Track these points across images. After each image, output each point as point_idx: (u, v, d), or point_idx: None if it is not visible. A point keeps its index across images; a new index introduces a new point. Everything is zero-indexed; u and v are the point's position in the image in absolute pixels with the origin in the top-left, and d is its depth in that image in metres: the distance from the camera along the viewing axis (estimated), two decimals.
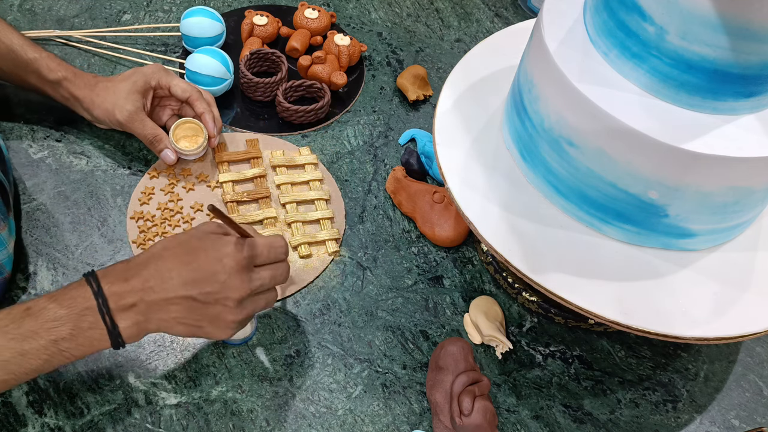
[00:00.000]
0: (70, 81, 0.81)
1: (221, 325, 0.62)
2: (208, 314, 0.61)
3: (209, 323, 0.62)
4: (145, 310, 0.59)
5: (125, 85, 0.81)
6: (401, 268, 0.81)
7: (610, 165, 0.61)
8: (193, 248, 0.61)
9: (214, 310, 0.61)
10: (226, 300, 0.61)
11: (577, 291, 0.63)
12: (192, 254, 0.61)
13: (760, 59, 0.56)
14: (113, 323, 0.58)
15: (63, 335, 0.57)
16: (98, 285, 0.58)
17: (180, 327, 0.61)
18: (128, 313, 0.59)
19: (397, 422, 0.70)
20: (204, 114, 0.83)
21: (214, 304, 0.61)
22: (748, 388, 0.77)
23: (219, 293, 0.60)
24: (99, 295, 0.58)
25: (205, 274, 0.60)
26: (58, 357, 0.58)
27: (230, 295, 0.61)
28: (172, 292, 0.59)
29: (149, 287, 0.59)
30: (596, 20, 0.63)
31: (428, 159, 0.89)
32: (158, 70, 0.83)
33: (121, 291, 0.59)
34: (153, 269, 0.60)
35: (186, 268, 0.60)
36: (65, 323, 0.57)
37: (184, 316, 0.61)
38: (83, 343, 0.58)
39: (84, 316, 0.57)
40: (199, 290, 0.60)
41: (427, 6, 1.13)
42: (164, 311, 0.60)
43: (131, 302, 0.59)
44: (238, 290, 0.61)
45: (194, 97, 0.83)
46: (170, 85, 0.83)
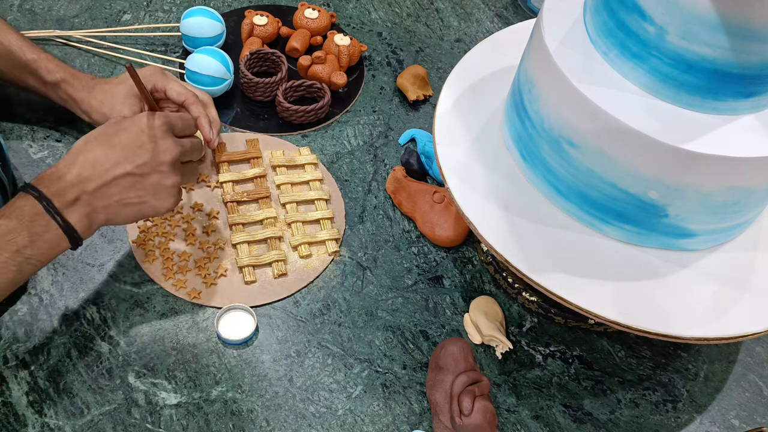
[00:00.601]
0: (69, 83, 0.82)
1: (162, 193, 0.66)
2: (147, 185, 0.65)
3: (152, 195, 0.66)
4: (89, 201, 0.63)
5: (122, 89, 0.81)
6: (401, 268, 0.81)
7: (610, 165, 0.61)
8: (113, 132, 0.65)
9: (152, 179, 0.65)
10: (160, 165, 0.65)
11: (577, 291, 0.63)
12: (114, 137, 0.65)
13: (760, 59, 0.56)
14: (64, 220, 0.62)
15: (23, 243, 0.60)
16: (37, 190, 0.61)
17: (126, 210, 0.65)
18: (74, 207, 0.62)
19: (397, 422, 0.70)
20: (199, 118, 0.82)
21: (151, 173, 0.65)
22: (748, 388, 0.77)
23: (152, 160, 0.65)
24: (42, 198, 0.61)
25: (133, 148, 0.64)
26: (26, 266, 0.61)
27: (162, 159, 0.65)
28: (109, 174, 0.63)
29: (85, 177, 0.63)
30: (596, 20, 0.63)
31: (428, 159, 0.89)
32: (155, 72, 0.82)
33: (60, 189, 0.62)
34: (83, 161, 0.63)
35: (113, 150, 0.64)
36: (20, 232, 0.60)
37: (125, 195, 0.64)
38: (43, 247, 0.61)
39: (35, 221, 0.61)
40: (131, 164, 0.64)
41: (427, 6, 1.13)
42: (106, 196, 0.64)
43: (73, 196, 0.62)
44: (168, 152, 0.65)
45: (189, 101, 0.82)
46: (166, 88, 0.82)
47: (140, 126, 0.65)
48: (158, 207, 0.67)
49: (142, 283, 0.76)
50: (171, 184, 0.66)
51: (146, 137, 0.65)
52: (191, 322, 0.74)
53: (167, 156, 0.65)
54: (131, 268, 0.77)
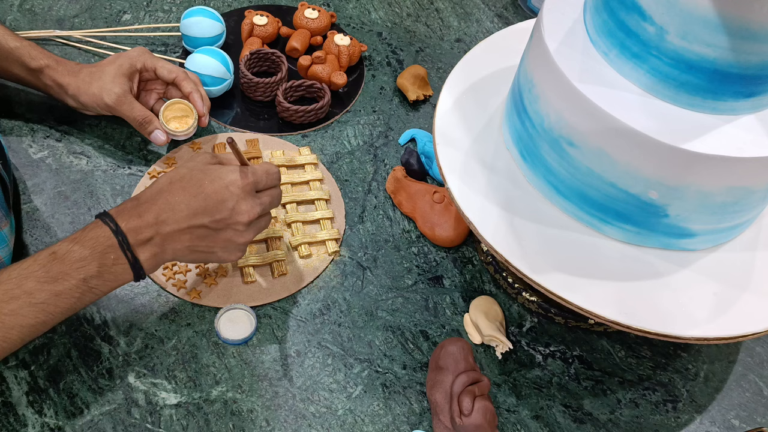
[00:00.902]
0: (53, 68, 0.82)
1: (232, 248, 0.67)
2: (219, 240, 0.66)
3: (221, 248, 0.67)
4: (161, 242, 0.64)
5: (111, 69, 0.81)
6: (401, 268, 0.81)
7: (610, 165, 0.61)
8: (198, 179, 0.65)
9: (225, 235, 0.66)
10: (237, 225, 0.65)
11: (577, 291, 0.63)
12: (198, 185, 0.65)
13: (760, 59, 0.56)
14: (135, 257, 0.63)
15: (91, 273, 0.61)
16: (115, 224, 0.62)
17: (193, 255, 0.66)
18: (146, 246, 0.63)
19: (397, 422, 0.70)
20: (192, 93, 0.84)
21: (225, 230, 0.65)
22: (748, 388, 0.77)
23: (229, 219, 0.65)
24: (119, 233, 0.62)
25: (215, 202, 0.64)
26: (88, 294, 0.62)
27: (240, 220, 0.65)
28: (185, 222, 0.64)
29: (162, 220, 0.63)
30: (596, 20, 0.63)
31: (428, 159, 0.89)
32: (143, 53, 0.84)
33: (137, 226, 0.63)
34: (163, 203, 0.64)
35: (195, 198, 0.64)
36: (91, 262, 0.61)
37: (196, 244, 0.65)
38: (109, 278, 0.62)
39: (107, 253, 0.61)
40: (210, 218, 0.64)
41: (427, 6, 1.13)
42: (178, 241, 0.64)
43: (148, 236, 0.63)
44: (246, 214, 0.65)
45: (180, 78, 0.84)
46: (156, 66, 0.83)
47: (228, 180, 0.65)
48: (224, 258, 0.68)
49: (142, 283, 0.76)
50: (242, 242, 0.67)
51: (229, 194, 0.65)
52: (191, 322, 0.74)
53: (245, 217, 0.65)
54: None
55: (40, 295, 0.59)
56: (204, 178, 0.65)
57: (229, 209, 0.65)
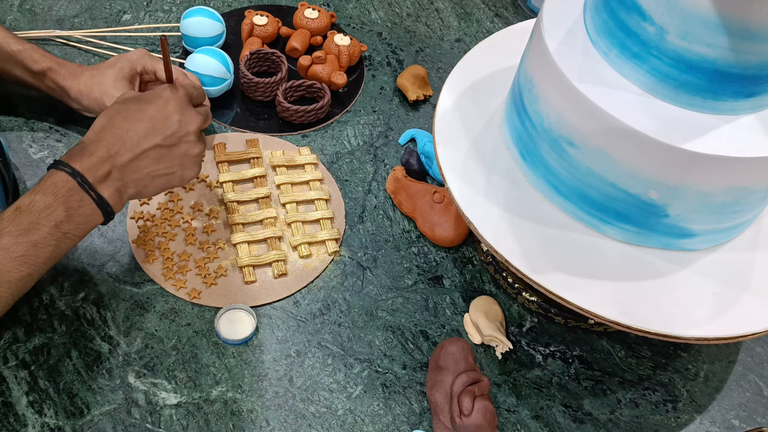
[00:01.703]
0: (55, 71, 0.82)
1: (189, 162, 0.68)
2: (175, 157, 0.67)
3: (179, 165, 0.67)
4: (120, 175, 0.64)
5: (112, 72, 0.82)
6: (401, 268, 0.81)
7: (610, 165, 0.61)
8: (136, 106, 0.66)
9: (180, 150, 0.67)
10: (187, 135, 0.67)
11: (577, 291, 0.63)
12: (138, 110, 0.66)
13: (760, 59, 0.56)
14: (98, 195, 0.63)
15: (60, 218, 0.61)
16: (70, 167, 0.62)
17: (155, 182, 0.67)
18: (106, 182, 0.64)
19: (397, 422, 0.70)
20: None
21: (178, 144, 0.66)
22: (748, 388, 0.77)
23: (179, 131, 0.66)
24: (76, 174, 0.62)
25: (160, 120, 0.65)
26: (64, 240, 0.62)
27: (189, 129, 0.67)
28: (138, 147, 0.64)
29: (115, 152, 0.64)
30: (596, 20, 0.63)
31: (428, 159, 0.89)
32: (143, 55, 0.84)
33: (92, 164, 0.63)
34: (110, 136, 0.64)
35: (140, 122, 0.65)
36: (57, 208, 0.61)
37: (154, 168, 0.66)
38: (79, 221, 0.63)
39: (70, 196, 0.62)
40: (161, 136, 0.65)
41: (427, 6, 1.13)
42: (136, 169, 0.65)
43: (105, 171, 0.63)
44: (193, 122, 0.67)
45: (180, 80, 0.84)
46: (156, 69, 0.84)
47: (164, 98, 0.66)
48: (185, 176, 0.69)
49: (142, 283, 0.76)
50: (197, 153, 0.68)
51: (172, 108, 0.66)
52: (191, 322, 0.74)
53: (193, 125, 0.67)
54: (131, 268, 0.77)
55: (18, 249, 0.60)
56: (141, 102, 0.66)
57: (176, 122, 0.66)
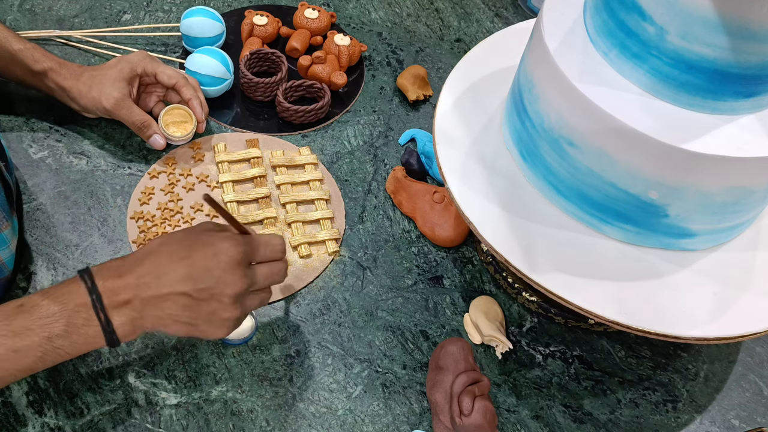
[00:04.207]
0: (56, 71, 0.82)
1: (216, 323, 0.61)
2: (202, 311, 0.60)
3: (204, 321, 0.60)
4: (140, 307, 0.58)
5: (111, 73, 0.82)
6: (401, 268, 0.81)
7: (610, 165, 0.61)
8: (189, 245, 0.60)
9: (209, 307, 0.60)
10: (221, 296, 0.59)
11: (577, 291, 0.63)
12: (188, 250, 0.60)
13: (760, 59, 0.56)
14: (107, 320, 0.57)
15: (57, 332, 0.56)
16: (92, 281, 0.57)
17: (175, 325, 0.60)
18: (123, 309, 0.58)
19: (397, 422, 0.70)
20: (191, 100, 0.85)
21: (209, 300, 0.59)
22: (748, 388, 0.77)
23: (213, 289, 0.59)
24: (93, 292, 0.57)
25: (200, 270, 0.59)
26: (52, 354, 0.56)
27: (225, 291, 0.59)
28: (167, 288, 0.58)
29: (144, 283, 0.58)
30: (596, 20, 0.63)
31: (428, 159, 0.89)
32: (144, 57, 0.84)
33: (115, 287, 0.57)
34: (148, 265, 0.59)
35: (181, 263, 0.59)
36: (59, 320, 0.56)
37: (178, 313, 0.59)
38: (77, 340, 0.57)
39: (78, 312, 0.56)
40: (193, 286, 0.58)
41: (427, 6, 1.13)
42: (159, 308, 0.59)
43: (126, 299, 0.58)
44: (233, 286, 0.59)
45: (180, 84, 0.84)
46: (156, 71, 0.84)
47: (218, 248, 0.59)
48: (208, 334, 0.61)
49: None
50: (227, 317, 0.61)
51: (216, 262, 0.59)
52: None
53: (231, 290, 0.59)
54: None
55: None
56: (194, 243, 0.60)
57: (215, 278, 0.59)
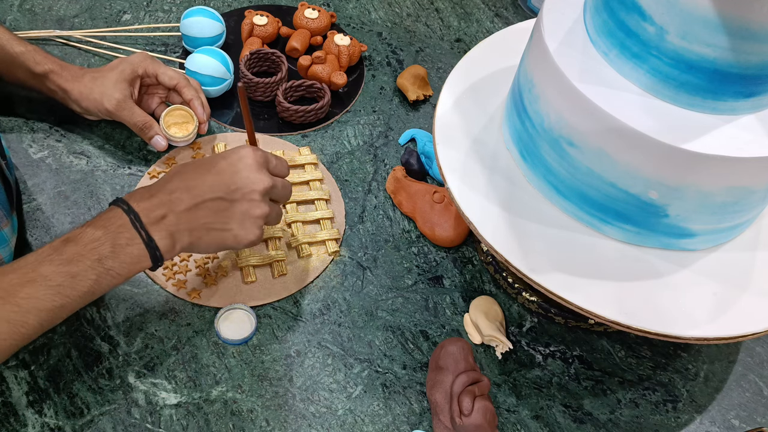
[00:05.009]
0: (57, 73, 0.82)
1: (248, 222, 0.66)
2: (235, 212, 0.65)
3: (238, 223, 0.65)
4: (176, 221, 0.63)
5: (112, 75, 0.82)
6: (401, 268, 0.81)
7: (610, 165, 0.61)
8: (211, 159, 0.66)
9: (242, 207, 0.65)
10: (252, 193, 0.65)
11: (577, 291, 0.63)
12: (210, 163, 0.65)
13: (760, 59, 0.56)
14: (149, 236, 0.61)
15: (105, 253, 0.60)
16: (127, 204, 0.62)
17: (210, 235, 0.65)
18: (160, 224, 0.62)
19: (397, 422, 0.70)
20: (192, 100, 0.85)
21: (241, 200, 0.65)
22: (748, 388, 0.77)
23: (245, 187, 0.65)
24: (130, 212, 0.61)
25: (228, 174, 0.64)
26: (105, 277, 0.61)
27: (255, 188, 0.65)
28: (199, 196, 0.63)
29: (176, 198, 0.63)
30: (596, 20, 0.63)
31: (428, 159, 0.89)
32: (145, 58, 0.84)
33: (150, 205, 0.62)
34: (176, 182, 0.64)
35: (208, 174, 0.64)
36: (104, 242, 0.60)
37: (212, 219, 0.64)
38: (125, 260, 0.61)
39: (120, 233, 0.61)
40: (225, 188, 0.64)
41: (427, 6, 1.13)
42: (193, 218, 0.64)
43: (161, 214, 0.62)
44: (261, 182, 0.65)
45: (182, 84, 0.84)
46: (157, 73, 0.84)
47: (240, 155, 0.66)
48: (241, 237, 0.66)
49: (142, 283, 0.76)
50: (258, 215, 0.66)
51: (243, 165, 0.65)
52: (191, 322, 0.74)
53: (260, 185, 0.65)
54: None
55: (56, 278, 0.58)
56: (215, 156, 0.66)
57: (244, 178, 0.65)
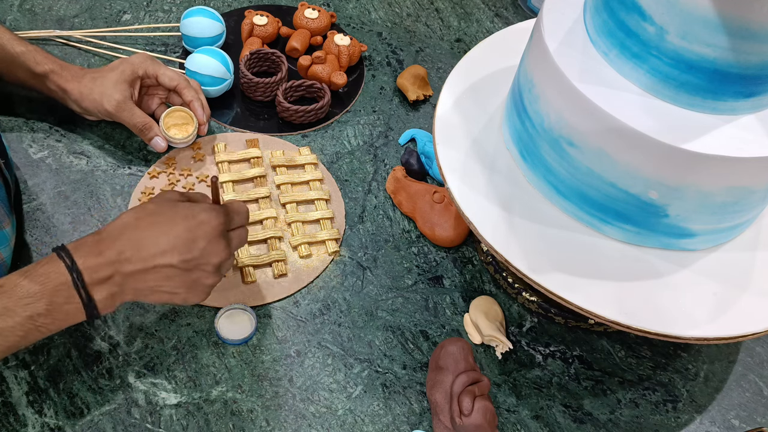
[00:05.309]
0: (58, 73, 0.82)
1: (198, 290, 0.63)
2: (186, 281, 0.62)
3: (186, 289, 0.62)
4: (121, 282, 0.59)
5: (113, 75, 0.82)
6: (401, 268, 0.81)
7: (610, 165, 0.61)
8: (169, 216, 0.61)
9: (193, 276, 0.62)
10: (206, 266, 0.62)
11: (577, 291, 0.63)
12: (169, 222, 0.61)
13: (760, 59, 0.56)
14: (89, 296, 0.58)
15: (39, 311, 0.56)
16: (71, 259, 0.58)
17: (155, 295, 0.62)
18: (103, 285, 0.59)
19: (397, 422, 0.70)
20: (192, 102, 0.85)
21: (194, 270, 0.61)
22: (748, 388, 0.77)
23: (200, 259, 0.61)
24: (73, 270, 0.57)
25: (185, 241, 0.60)
26: (34, 333, 0.57)
27: (211, 261, 0.62)
28: (151, 261, 0.60)
29: (125, 258, 0.59)
30: (596, 20, 0.63)
31: (428, 159, 0.89)
32: (145, 59, 0.84)
33: (96, 264, 0.58)
34: (127, 240, 0.60)
35: (164, 236, 0.60)
36: (40, 299, 0.56)
37: (160, 284, 0.61)
38: (59, 317, 0.58)
39: (59, 291, 0.57)
40: (179, 258, 0.60)
41: (427, 6, 1.13)
42: (140, 281, 0.60)
43: (106, 275, 0.59)
44: (217, 255, 0.62)
45: (182, 86, 0.84)
46: (157, 73, 0.84)
47: (199, 221, 0.61)
48: (188, 300, 0.64)
49: None
50: (209, 284, 0.64)
51: (201, 233, 0.61)
52: (191, 322, 0.74)
53: (216, 259, 0.62)
54: None
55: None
56: (175, 215, 0.61)
57: (200, 249, 0.61)
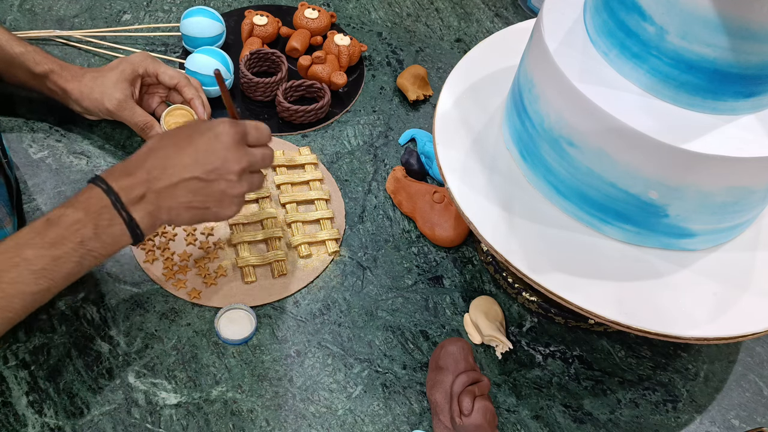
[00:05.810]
0: (57, 73, 0.82)
1: (226, 201, 0.66)
2: (213, 192, 0.65)
3: (216, 202, 0.65)
4: (155, 199, 0.63)
5: (113, 75, 0.82)
6: (401, 268, 0.81)
7: (610, 165, 0.61)
8: (187, 134, 0.65)
9: (219, 186, 0.64)
10: (228, 173, 0.64)
11: (577, 291, 0.63)
12: (187, 139, 0.64)
13: (760, 59, 0.56)
14: (129, 216, 0.61)
15: (87, 235, 0.60)
16: (106, 184, 0.61)
17: (189, 212, 0.65)
18: (140, 204, 0.62)
19: (397, 422, 0.70)
20: (193, 100, 0.85)
21: (218, 180, 0.64)
22: (748, 388, 0.77)
23: (221, 168, 0.64)
24: (110, 192, 0.61)
25: (205, 153, 0.64)
26: (88, 258, 0.61)
27: (231, 168, 0.64)
28: (176, 176, 0.63)
29: (154, 177, 0.62)
30: (596, 20, 0.63)
31: (428, 159, 0.89)
32: (145, 58, 0.84)
33: (129, 185, 0.62)
34: (153, 160, 0.63)
35: (185, 151, 0.64)
36: (86, 224, 0.60)
37: (190, 199, 0.64)
38: (107, 240, 0.61)
39: (101, 214, 0.61)
40: (202, 169, 0.63)
41: (427, 6, 1.13)
42: (171, 197, 0.63)
43: (140, 193, 0.62)
44: (237, 162, 0.65)
45: (182, 84, 0.85)
46: (158, 72, 0.84)
47: (215, 132, 0.64)
48: (220, 214, 0.66)
49: (142, 283, 0.76)
50: (236, 194, 0.66)
51: (219, 144, 0.64)
52: (191, 322, 0.74)
53: (236, 165, 0.65)
54: (131, 268, 0.77)
55: (39, 262, 0.59)
56: (193, 132, 0.65)
57: (220, 158, 0.64)
